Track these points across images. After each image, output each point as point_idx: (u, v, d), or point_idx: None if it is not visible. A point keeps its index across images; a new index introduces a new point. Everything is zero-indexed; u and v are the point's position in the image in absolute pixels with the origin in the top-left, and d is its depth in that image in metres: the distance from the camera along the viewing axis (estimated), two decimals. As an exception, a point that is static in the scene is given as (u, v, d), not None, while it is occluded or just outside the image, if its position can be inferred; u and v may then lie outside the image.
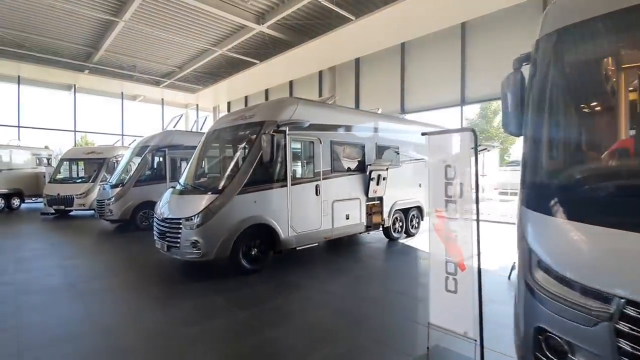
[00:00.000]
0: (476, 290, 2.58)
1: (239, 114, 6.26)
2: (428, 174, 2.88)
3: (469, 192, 2.59)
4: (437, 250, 2.81)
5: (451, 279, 2.71)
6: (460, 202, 2.64)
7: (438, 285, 2.80)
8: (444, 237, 2.76)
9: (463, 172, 2.62)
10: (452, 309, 2.71)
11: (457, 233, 2.68)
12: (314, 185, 6.31)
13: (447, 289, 2.74)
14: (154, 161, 9.53)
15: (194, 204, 5.23)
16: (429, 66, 13.10)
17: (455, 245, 2.69)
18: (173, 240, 5.31)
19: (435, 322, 2.85)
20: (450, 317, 2.72)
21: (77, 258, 6.80)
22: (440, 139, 2.79)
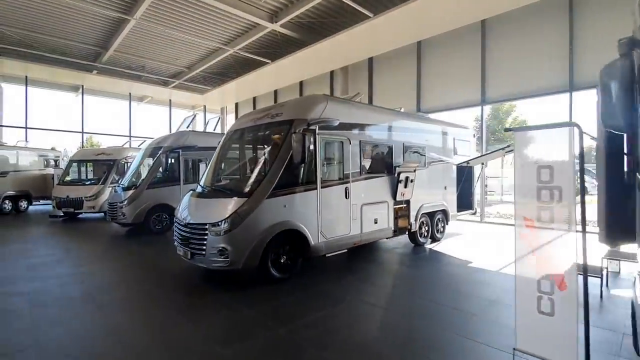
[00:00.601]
0: (581, 313, 2.18)
1: (264, 112, 5.87)
2: (515, 177, 2.48)
3: (570, 197, 2.19)
4: (525, 265, 2.41)
5: (546, 298, 2.31)
6: (559, 208, 2.24)
7: (527, 306, 2.40)
8: (534, 250, 2.36)
9: (564, 174, 2.22)
10: (547, 333, 2.31)
11: (553, 245, 2.28)
12: (343, 188, 5.92)
13: (541, 311, 2.34)
14: (167, 163, 9.17)
15: (220, 208, 4.85)
16: (446, 65, 12.70)
17: (550, 260, 2.29)
18: (198, 247, 4.92)
19: (523, 347, 2.44)
20: (544, 343, 2.32)
21: (92, 264, 6.43)
22: (532, 135, 2.39)
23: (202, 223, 4.89)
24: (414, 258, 6.91)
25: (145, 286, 5.19)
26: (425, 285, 5.23)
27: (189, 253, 5.04)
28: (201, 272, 5.71)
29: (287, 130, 5.18)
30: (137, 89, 20.78)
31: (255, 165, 5.39)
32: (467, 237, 9.03)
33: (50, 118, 20.65)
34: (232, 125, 6.58)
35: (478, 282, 5.18)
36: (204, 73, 19.19)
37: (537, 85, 10.43)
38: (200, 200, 5.34)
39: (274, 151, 5.22)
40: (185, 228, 5.18)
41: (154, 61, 17.69)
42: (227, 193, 5.14)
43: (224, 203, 4.87)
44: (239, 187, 5.20)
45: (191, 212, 5.23)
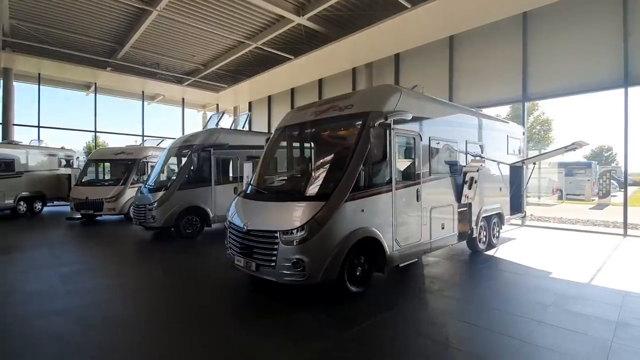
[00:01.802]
0: None
1: (326, 105, 5.20)
2: None
3: None
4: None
5: None
6: None
7: None
8: None
9: None
10: None
11: None
12: (415, 190, 5.26)
13: None
14: (199, 162, 8.49)
15: (293, 213, 4.17)
16: (482, 60, 12.02)
17: None
18: (265, 258, 4.25)
19: None
20: None
21: (130, 274, 5.76)
22: None
23: (271, 230, 4.21)
24: (483, 267, 6.22)
25: (199, 302, 4.50)
26: (518, 303, 4.54)
27: (253, 265, 4.37)
28: (256, 283, 5.04)
29: (363, 123, 4.51)
30: (151, 87, 20.10)
31: (326, 164, 4.72)
32: (519, 242, 8.36)
33: (62, 117, 20.01)
34: (283, 121, 5.90)
35: (587, 300, 4.50)
36: (220, 71, 18.54)
37: (586, 80, 9.77)
38: (261, 204, 4.66)
39: (348, 148, 4.55)
40: (246, 236, 4.51)
41: (169, 58, 17.05)
42: (298, 196, 4.46)
43: (297, 207, 4.20)
44: (311, 189, 4.53)
45: (252, 218, 4.55)
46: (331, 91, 17.68)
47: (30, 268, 5.92)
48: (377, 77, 15.36)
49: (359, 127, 4.56)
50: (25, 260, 6.46)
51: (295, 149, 5.71)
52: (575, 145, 7.71)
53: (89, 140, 37.25)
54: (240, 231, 4.66)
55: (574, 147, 7.77)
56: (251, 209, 4.73)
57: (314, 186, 4.48)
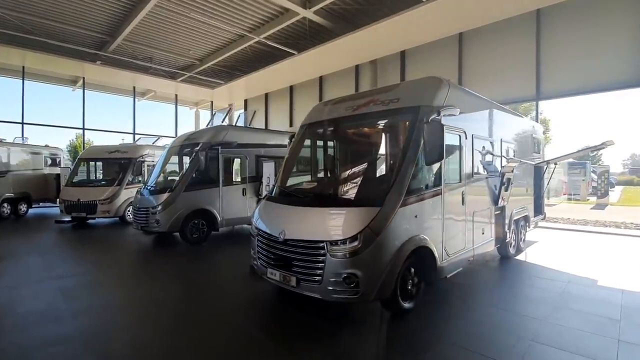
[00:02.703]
0: None
1: (365, 98, 4.65)
2: None
3: None
4: None
5: None
6: None
7: None
8: None
9: None
10: None
11: None
12: (461, 192, 4.78)
13: None
14: (206, 161, 7.82)
15: (344, 220, 3.62)
16: (493, 58, 11.69)
17: None
18: (308, 272, 3.68)
19: None
20: None
21: (141, 289, 5.08)
22: None
23: (316, 241, 3.64)
24: (524, 275, 5.78)
25: (234, 322, 3.91)
26: (592, 318, 4.12)
27: (293, 279, 3.80)
28: (288, 298, 4.47)
29: (414, 119, 4.00)
30: (142, 82, 19.15)
31: (373, 165, 4.19)
32: (543, 245, 8.02)
33: (45, 113, 18.84)
34: (311, 117, 5.32)
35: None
36: (216, 66, 17.76)
37: (602, 79, 9.52)
38: (299, 210, 4.08)
39: (397, 146, 4.03)
40: (282, 246, 3.94)
41: (164, 52, 16.19)
42: (345, 200, 3.89)
43: (348, 214, 3.65)
44: (360, 192, 3.98)
45: (290, 225, 3.97)
46: (332, 89, 17.14)
47: (23, 282, 5.19)
48: (382, 75, 14.90)
49: (409, 123, 4.04)
50: (16, 272, 5.70)
51: (330, 147, 5.14)
52: (604, 144, 7.41)
53: (72, 138, 35.82)
54: (274, 240, 4.08)
55: (602, 146, 7.46)
56: (287, 215, 4.15)
57: (364, 190, 3.94)
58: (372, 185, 3.95)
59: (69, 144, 34.35)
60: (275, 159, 9.55)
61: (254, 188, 8.86)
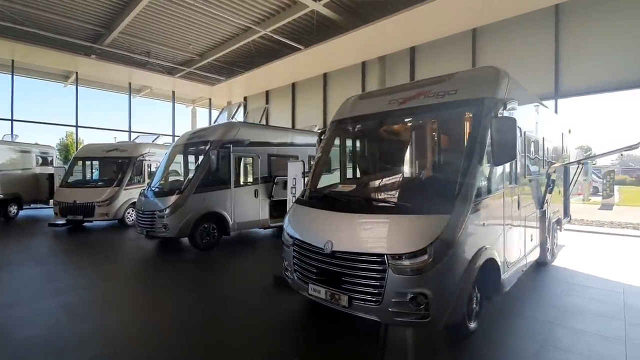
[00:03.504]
0: None
1: (414, 89, 4.07)
2: None
3: None
4: None
5: None
6: None
7: None
8: None
9: None
10: None
11: None
12: (517, 195, 4.30)
13: None
14: (217, 161, 7.21)
15: (409, 230, 3.07)
16: (508, 54, 11.29)
17: None
18: (364, 290, 3.14)
19: None
20: None
21: (158, 305, 4.47)
22: None
23: (374, 254, 3.10)
24: (576, 285, 5.33)
25: (275, 348, 3.35)
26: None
27: (344, 298, 3.25)
28: (324, 315, 3.93)
29: (479, 113, 3.48)
30: (139, 78, 18.33)
31: (433, 165, 3.67)
32: (574, 249, 7.62)
33: (35, 110, 17.90)
34: (346, 111, 4.74)
35: None
36: (217, 62, 17.08)
37: (626, 76, 9.18)
38: (349, 217, 3.50)
39: (459, 144, 3.51)
40: (329, 259, 3.39)
41: (162, 46, 15.45)
42: (406, 206, 3.33)
43: (413, 222, 3.10)
44: (424, 197, 3.43)
45: (337, 234, 3.41)
46: (338, 86, 16.62)
47: (20, 298, 4.53)
48: (391, 72, 14.42)
49: (472, 118, 3.53)
50: (11, 286, 5.03)
51: (372, 145, 4.57)
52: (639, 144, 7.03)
53: (62, 137, 34.61)
54: (317, 252, 3.52)
55: (637, 146, 7.08)
56: (332, 223, 3.59)
57: (427, 194, 3.41)
58: (435, 189, 3.43)
59: (58, 142, 33.17)
60: (288, 158, 9.02)
61: (266, 189, 8.28)
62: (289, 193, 5.32)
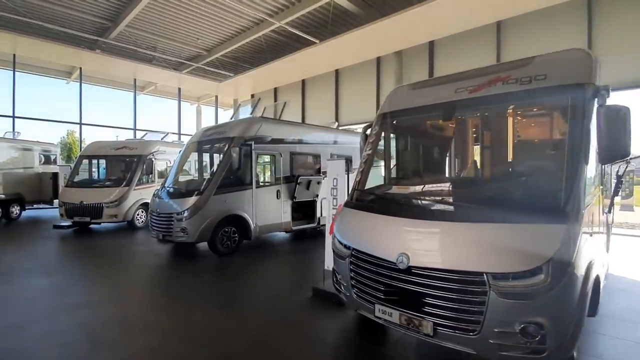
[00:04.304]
0: None
1: (487, 75, 3.40)
2: None
3: None
4: None
5: None
6: None
7: None
8: None
9: None
10: None
11: None
12: (601, 197, 3.73)
13: None
14: (239, 159, 6.62)
15: (514, 242, 2.48)
16: (537, 48, 10.64)
17: None
18: (456, 317, 2.55)
19: None
20: None
21: (189, 322, 3.88)
22: None
23: (471, 272, 2.49)
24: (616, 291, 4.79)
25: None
26: None
27: (428, 325, 2.65)
28: (384, 335, 3.36)
29: (580, 100, 2.90)
30: (144, 74, 17.69)
31: (526, 162, 3.09)
32: (623, 252, 7.07)
33: (36, 107, 17.31)
34: (396, 102, 4.12)
35: None
36: (224, 58, 16.49)
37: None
38: (430, 225, 2.83)
39: (555, 138, 2.95)
40: (404, 275, 2.79)
41: (170, 41, 14.85)
42: (505, 213, 2.67)
43: (520, 233, 2.48)
44: (527, 202, 2.79)
45: (414, 245, 2.82)
46: (351, 83, 16.05)
47: (31, 316, 3.94)
48: (407, 68, 13.83)
49: (572, 107, 2.95)
50: (19, 301, 4.44)
51: (440, 139, 3.95)
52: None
53: (63, 135, 33.95)
54: (386, 267, 2.94)
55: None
56: (403, 231, 3.00)
57: (528, 198, 2.83)
58: (537, 191, 2.85)
59: (59, 140, 32.46)
60: (313, 156, 8.45)
61: (288, 190, 7.70)
62: (327, 194, 4.74)
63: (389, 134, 4.28)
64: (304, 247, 7.73)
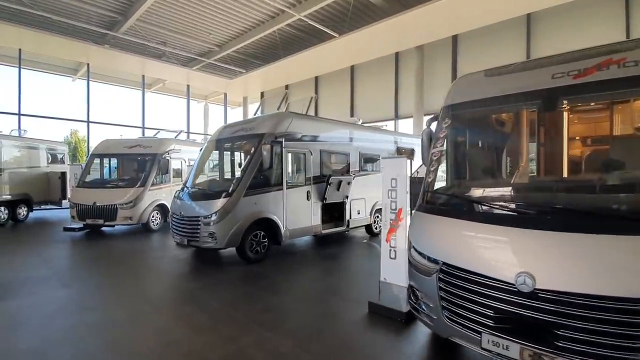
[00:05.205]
0: None
1: (590, 59, 2.88)
2: None
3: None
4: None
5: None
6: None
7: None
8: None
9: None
10: None
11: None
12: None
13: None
14: (272, 157, 6.05)
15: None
16: (572, 42, 10.13)
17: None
18: (619, 356, 1.99)
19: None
20: None
21: (248, 351, 3.32)
22: None
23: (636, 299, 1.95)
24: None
25: None
26: None
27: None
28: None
29: None
30: (153, 70, 17.12)
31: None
32: None
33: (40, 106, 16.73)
34: (467, 92, 3.57)
35: None
36: (235, 54, 15.91)
37: None
38: (562, 238, 2.25)
39: None
40: (528, 301, 2.22)
41: (181, 36, 14.26)
42: None
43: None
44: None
45: (541, 264, 2.24)
46: (367, 79, 15.48)
47: (52, 338, 3.35)
48: (429, 63, 13.25)
49: None
50: (35, 318, 3.85)
51: (541, 131, 3.31)
52: None
53: (66, 134, 33.36)
54: (497, 287, 2.37)
55: None
56: (521, 245, 2.42)
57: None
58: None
59: (63, 140, 31.88)
60: (343, 155, 7.88)
61: (318, 191, 7.13)
62: (384, 197, 4.16)
63: (464, 128, 3.70)
64: (334, 253, 7.15)
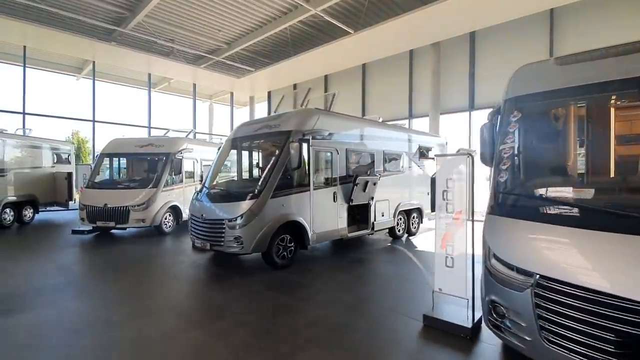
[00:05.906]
0: None
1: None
2: None
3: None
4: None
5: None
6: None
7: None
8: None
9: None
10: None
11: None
12: None
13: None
14: (300, 156, 5.63)
15: None
16: (598, 39, 9.74)
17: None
18: None
19: None
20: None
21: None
22: None
23: None
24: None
25: None
26: None
27: None
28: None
29: None
30: (159, 68, 16.69)
31: None
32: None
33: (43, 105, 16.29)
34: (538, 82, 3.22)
35: None
36: (244, 52, 15.49)
37: None
38: None
39: None
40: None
41: (189, 33, 13.84)
42: None
43: None
44: None
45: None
46: (380, 77, 15.09)
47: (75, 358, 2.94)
48: (446, 60, 12.86)
49: None
50: (54, 335, 3.43)
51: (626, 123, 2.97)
52: None
53: (68, 135, 32.85)
54: (622, 307, 1.97)
55: None
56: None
57: None
58: None
59: (65, 140, 31.39)
60: (368, 154, 7.47)
61: (344, 191, 6.72)
62: (439, 199, 3.75)
63: (542, 121, 3.31)
64: (361, 257, 6.73)
